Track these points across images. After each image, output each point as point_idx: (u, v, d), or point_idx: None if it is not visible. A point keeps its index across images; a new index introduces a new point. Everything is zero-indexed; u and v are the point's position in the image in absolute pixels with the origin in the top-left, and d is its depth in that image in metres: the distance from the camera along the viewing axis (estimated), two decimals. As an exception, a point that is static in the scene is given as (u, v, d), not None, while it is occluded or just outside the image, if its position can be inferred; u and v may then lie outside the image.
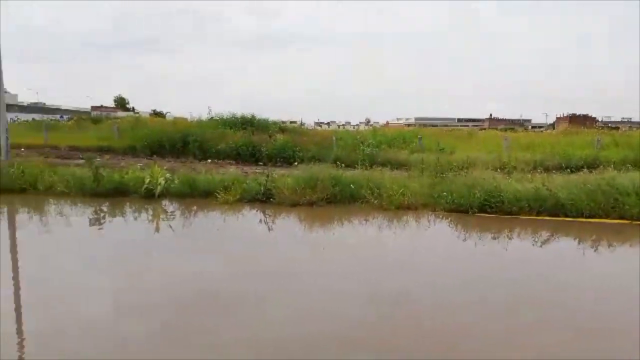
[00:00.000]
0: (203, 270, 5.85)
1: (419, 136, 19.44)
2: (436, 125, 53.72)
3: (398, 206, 9.48)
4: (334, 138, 18.72)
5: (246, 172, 13.09)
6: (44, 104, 61.45)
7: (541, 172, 12.18)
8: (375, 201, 9.66)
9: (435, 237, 8.15)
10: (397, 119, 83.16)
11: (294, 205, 9.66)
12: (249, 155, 18.08)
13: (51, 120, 32.72)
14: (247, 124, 23.91)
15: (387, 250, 7.16)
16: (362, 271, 6.01)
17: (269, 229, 8.44)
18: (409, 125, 57.63)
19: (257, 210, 9.63)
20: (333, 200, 9.92)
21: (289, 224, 8.80)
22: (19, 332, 4.16)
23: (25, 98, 56.62)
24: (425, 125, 53.00)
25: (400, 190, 9.74)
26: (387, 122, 70.93)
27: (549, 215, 8.96)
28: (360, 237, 8.04)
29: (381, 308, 4.80)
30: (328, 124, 75.62)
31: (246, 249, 7.10)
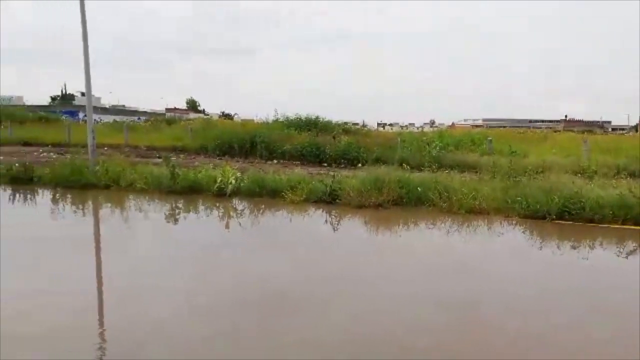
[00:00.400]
0: (270, 270, 5.98)
1: (488, 138, 18.71)
2: (505, 127, 51.40)
3: (468, 210, 9.18)
4: (398, 139, 18.49)
5: (311, 173, 13.27)
6: (124, 106, 65.81)
7: (625, 177, 11.32)
8: (444, 205, 9.42)
9: (508, 243, 7.80)
10: (464, 120, 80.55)
11: (360, 207, 9.64)
12: (313, 156, 18.31)
13: (130, 121, 35.00)
14: (312, 125, 24.24)
15: (456, 256, 6.95)
16: (429, 276, 5.88)
17: (334, 230, 8.49)
18: (476, 126, 55.62)
19: (322, 211, 9.72)
20: (399, 203, 9.80)
21: (354, 226, 8.80)
22: (101, 323, 4.47)
23: (107, 101, 60.94)
24: (493, 126, 50.91)
25: (471, 194, 9.43)
26: (453, 124, 68.90)
27: (635, 225, 8.29)
28: (428, 241, 7.87)
29: (447, 314, 4.68)
30: (391, 125, 74.74)
31: (311, 249, 7.19)
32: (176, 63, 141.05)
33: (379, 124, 73.52)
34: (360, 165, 14.61)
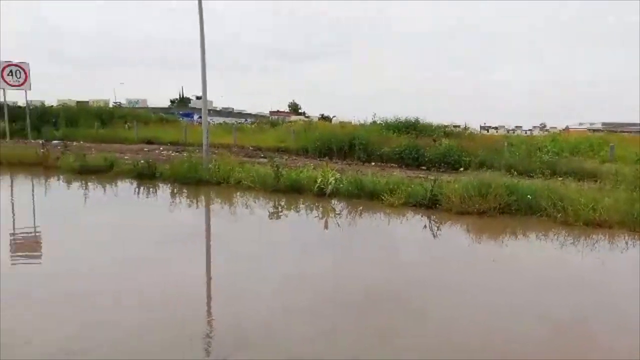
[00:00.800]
0: (367, 271, 6.01)
1: (611, 144, 16.90)
2: (629, 132, 45.94)
3: (587, 222, 8.38)
4: (505, 143, 17.45)
5: (410, 176, 13.06)
6: (233, 109, 70.25)
7: None
8: (559, 215, 8.70)
9: (632, 260, 6.99)
10: (579, 124, 73.47)
11: (462, 213, 9.28)
12: (412, 159, 17.99)
13: (238, 123, 37.27)
14: (411, 127, 23.86)
15: (570, 270, 6.39)
16: (536, 289, 5.49)
17: (434, 236, 8.27)
18: (594, 131, 50.45)
19: (421, 216, 9.52)
20: (506, 211, 9.25)
21: (455, 233, 8.50)
22: (208, 313, 4.82)
23: (218, 104, 65.57)
24: (614, 131, 45.77)
25: (590, 205, 8.59)
26: (567, 127, 63.21)
27: None
28: (538, 252, 7.33)
29: (550, 328, 4.34)
30: (496, 128, 70.61)
31: (410, 253, 7.08)
32: (281, 67, 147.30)
33: (482, 127, 69.86)
34: (462, 169, 14.03)
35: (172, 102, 71.59)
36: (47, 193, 12.21)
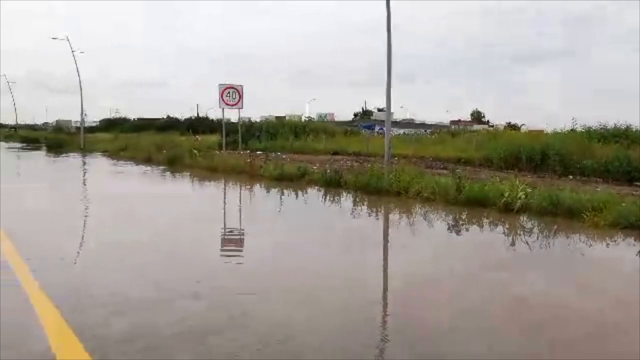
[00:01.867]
0: (564, 306, 5.34)
1: None
2: None
3: None
4: None
5: (619, 193, 11.23)
6: (413, 120, 70.76)
7: None
8: None
9: None
10: None
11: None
12: (621, 173, 15.47)
13: (417, 133, 37.27)
14: (621, 135, 20.61)
15: None
16: None
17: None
18: None
19: (635, 240, 8.08)
20: None
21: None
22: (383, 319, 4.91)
23: (399, 115, 66.70)
24: None
25: None
26: None
27: None
28: None
29: None
30: None
31: (620, 290, 6.01)
32: (464, 75, 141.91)
33: None
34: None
35: (356, 115, 75.70)
36: (253, 196, 14.24)
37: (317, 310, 4.74)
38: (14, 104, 66.13)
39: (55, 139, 40.54)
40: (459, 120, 75.69)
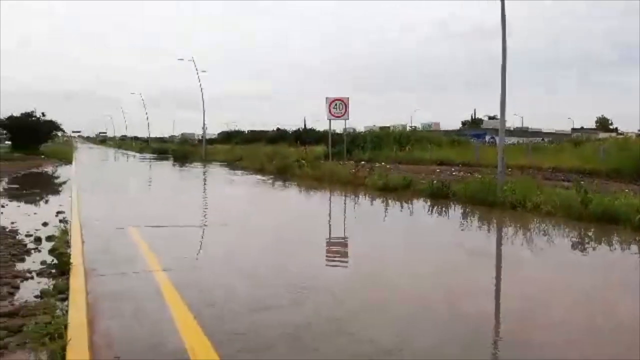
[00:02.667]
0: None
1: None
2: None
3: None
4: None
5: None
6: (528, 128, 66.08)
7: None
8: None
9: None
10: None
11: None
12: None
13: (533, 142, 34.68)
14: None
15: None
16: None
17: None
18: None
19: None
20: None
21: None
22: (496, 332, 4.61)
23: (511, 123, 62.78)
24: None
25: None
26: None
27: None
28: None
29: None
30: None
31: None
32: (586, 79, 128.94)
33: None
34: None
35: (464, 123, 72.72)
36: (361, 206, 14.41)
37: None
38: (147, 119, 74.96)
39: (181, 150, 45.18)
40: (582, 128, 68.90)
